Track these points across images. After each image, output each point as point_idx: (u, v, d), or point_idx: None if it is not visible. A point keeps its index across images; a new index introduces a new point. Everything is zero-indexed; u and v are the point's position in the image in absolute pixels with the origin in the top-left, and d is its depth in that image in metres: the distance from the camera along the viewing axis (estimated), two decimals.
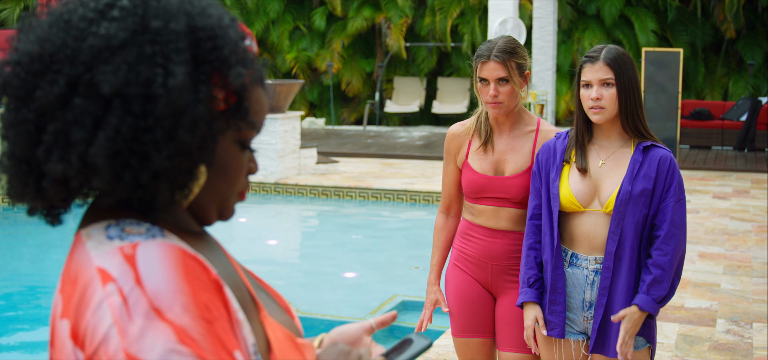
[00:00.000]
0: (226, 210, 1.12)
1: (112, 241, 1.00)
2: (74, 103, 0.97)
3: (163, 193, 1.02)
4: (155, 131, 0.97)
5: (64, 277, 1.03)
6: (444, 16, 18.08)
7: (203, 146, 1.02)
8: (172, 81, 0.98)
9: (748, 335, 5.02)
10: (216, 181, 1.08)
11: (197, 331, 0.94)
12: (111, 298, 0.95)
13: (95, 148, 0.97)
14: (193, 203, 1.09)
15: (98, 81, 0.97)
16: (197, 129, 1.00)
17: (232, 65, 1.03)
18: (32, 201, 1.04)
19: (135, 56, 0.97)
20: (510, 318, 3.02)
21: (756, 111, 13.92)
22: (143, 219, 1.04)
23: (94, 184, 1.00)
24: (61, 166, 0.98)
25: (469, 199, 3.05)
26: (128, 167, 0.98)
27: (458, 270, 3.10)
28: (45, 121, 0.99)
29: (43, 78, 0.99)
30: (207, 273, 1.00)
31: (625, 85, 2.68)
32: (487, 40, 3.07)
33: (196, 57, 1.01)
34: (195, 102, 0.99)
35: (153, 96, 0.97)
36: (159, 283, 0.95)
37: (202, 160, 1.03)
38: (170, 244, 1.00)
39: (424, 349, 1.20)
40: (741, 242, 7.60)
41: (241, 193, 1.13)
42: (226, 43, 1.04)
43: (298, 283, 7.15)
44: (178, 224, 1.08)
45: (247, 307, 1.08)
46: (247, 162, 1.12)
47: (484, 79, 2.92)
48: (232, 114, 1.05)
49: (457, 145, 3.08)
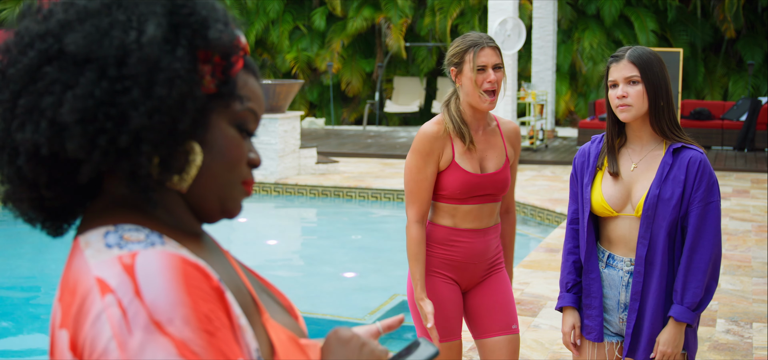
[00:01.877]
0: (229, 201, 1.09)
1: (111, 249, 0.98)
2: (44, 72, 0.97)
3: (152, 167, 1.00)
4: (132, 90, 0.96)
5: (62, 285, 1.01)
6: (444, 16, 18.09)
7: (183, 107, 0.99)
8: (145, 38, 0.97)
9: (748, 335, 5.02)
10: (214, 166, 1.05)
11: (198, 345, 0.93)
12: (110, 310, 0.93)
13: (64, 107, 0.95)
14: (193, 193, 1.06)
15: (65, 44, 0.97)
16: (174, 85, 0.98)
17: (210, 25, 1.02)
18: (18, 191, 1.03)
19: (108, 23, 0.97)
20: (493, 303, 3.08)
21: (756, 111, 13.92)
22: (143, 223, 1.02)
23: (68, 150, 0.97)
24: (30, 134, 0.97)
25: (455, 201, 2.99)
26: (103, 131, 0.96)
27: (437, 276, 3.05)
28: (18, 99, 0.98)
29: (17, 59, 0.99)
30: (208, 280, 0.98)
31: (651, 81, 2.66)
32: (462, 35, 3.03)
33: (175, 24, 1.01)
34: (171, 58, 0.98)
35: (126, 54, 0.96)
36: (158, 294, 0.93)
37: (185, 125, 1.00)
38: (170, 253, 0.98)
39: (433, 356, 1.20)
40: (741, 242, 7.60)
41: (245, 184, 1.10)
42: (203, 6, 1.03)
43: (298, 283, 7.15)
44: (177, 225, 1.06)
45: (248, 311, 1.06)
46: (248, 150, 1.10)
47: (481, 67, 2.93)
48: (222, 91, 1.04)
49: (440, 145, 2.96)
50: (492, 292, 3.09)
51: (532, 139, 13.73)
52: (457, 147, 2.97)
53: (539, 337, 4.90)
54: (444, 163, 2.97)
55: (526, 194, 9.95)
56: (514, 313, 3.13)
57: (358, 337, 1.15)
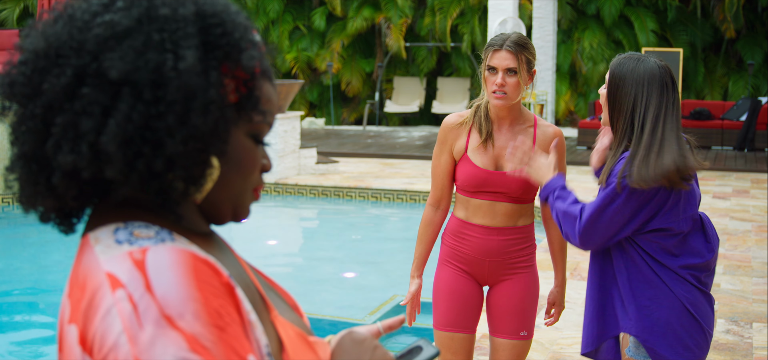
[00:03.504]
0: (241, 207, 1.10)
1: (121, 245, 0.98)
2: (82, 93, 0.96)
3: (178, 184, 1.00)
4: (167, 116, 0.96)
5: (71, 281, 1.01)
6: (444, 16, 18.09)
7: (216, 132, 1.00)
8: (183, 64, 0.96)
9: (748, 335, 5.02)
10: (230, 176, 1.06)
11: (209, 339, 0.93)
12: (121, 304, 0.93)
13: (106, 135, 0.95)
14: (207, 200, 1.07)
15: (105, 68, 0.96)
16: (209, 113, 0.98)
17: (243, 49, 1.03)
18: (43, 201, 1.03)
19: (142, 43, 0.97)
20: (507, 306, 3.11)
21: (756, 111, 13.92)
22: (152, 221, 1.03)
23: (107, 174, 0.97)
24: (72, 157, 0.96)
25: (466, 193, 3.03)
26: (141, 155, 0.96)
27: (450, 266, 3.10)
28: (53, 115, 0.98)
29: (49, 72, 0.98)
30: (218, 276, 0.99)
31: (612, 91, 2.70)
32: (501, 33, 3.06)
33: (206, 42, 1.00)
34: (206, 85, 0.98)
35: (164, 80, 0.96)
36: (169, 289, 0.94)
37: (215, 148, 1.01)
38: (180, 249, 0.98)
39: (433, 357, 1.19)
40: (741, 242, 7.60)
41: (255, 191, 1.11)
42: (235, 28, 1.03)
43: (298, 283, 7.15)
44: (187, 225, 1.06)
45: (257, 308, 1.07)
46: (261, 158, 1.11)
47: (492, 68, 2.96)
48: (243, 104, 1.04)
49: (454, 135, 3.04)
50: (510, 294, 3.11)
51: None
52: (473, 140, 3.01)
53: (539, 337, 4.90)
54: (457, 154, 3.05)
55: None
56: (527, 319, 3.13)
57: (371, 339, 1.17)
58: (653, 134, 2.60)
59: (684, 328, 2.67)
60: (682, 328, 2.66)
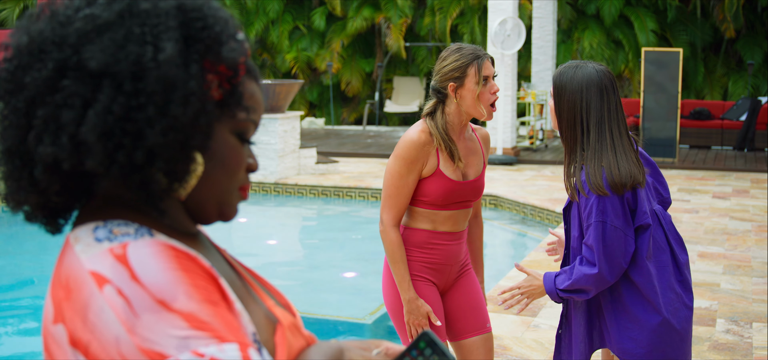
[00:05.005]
0: (226, 206, 1.10)
1: (101, 242, 0.99)
2: (63, 85, 0.97)
3: (160, 178, 1.00)
4: (147, 107, 0.96)
5: (54, 282, 1.02)
6: (443, 16, 18.09)
7: (196, 124, 1.00)
8: (162, 55, 0.97)
9: (748, 335, 5.02)
10: (215, 173, 1.06)
11: (207, 314, 0.94)
12: (112, 300, 0.94)
13: (86, 126, 0.95)
14: (192, 199, 1.07)
15: (85, 59, 0.96)
16: (189, 104, 0.99)
17: (223, 41, 1.03)
18: (26, 196, 1.03)
19: (123, 36, 0.97)
20: (468, 304, 3.14)
21: (756, 111, 13.92)
22: (133, 218, 1.03)
23: (87, 166, 0.98)
24: (52, 149, 0.97)
25: (436, 207, 3.01)
26: (121, 146, 0.96)
27: (420, 280, 3.06)
28: (35, 108, 0.98)
29: (32, 67, 0.99)
30: (199, 265, 1.00)
31: (557, 100, 2.75)
32: (451, 49, 3.02)
33: (187, 36, 1.01)
34: (186, 77, 0.99)
35: (143, 71, 0.96)
36: (156, 276, 0.94)
37: (196, 141, 1.01)
38: (160, 242, 0.99)
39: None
40: (741, 242, 7.60)
41: (241, 190, 1.11)
42: (216, 21, 1.03)
43: (298, 283, 7.15)
44: (171, 224, 1.07)
45: (245, 302, 1.08)
46: (247, 156, 1.11)
47: (487, 78, 2.98)
48: (227, 101, 1.04)
49: (426, 154, 2.96)
50: (465, 293, 3.15)
51: (531, 139, 13.73)
52: (443, 156, 2.98)
53: (539, 337, 4.91)
54: (428, 171, 2.97)
55: (525, 194, 9.95)
56: (486, 312, 3.20)
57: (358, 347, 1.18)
58: (599, 140, 2.66)
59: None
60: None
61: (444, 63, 2.99)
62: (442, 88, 2.98)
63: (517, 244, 8.71)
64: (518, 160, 12.66)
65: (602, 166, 2.63)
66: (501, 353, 4.66)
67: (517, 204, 9.64)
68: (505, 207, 9.80)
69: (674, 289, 2.73)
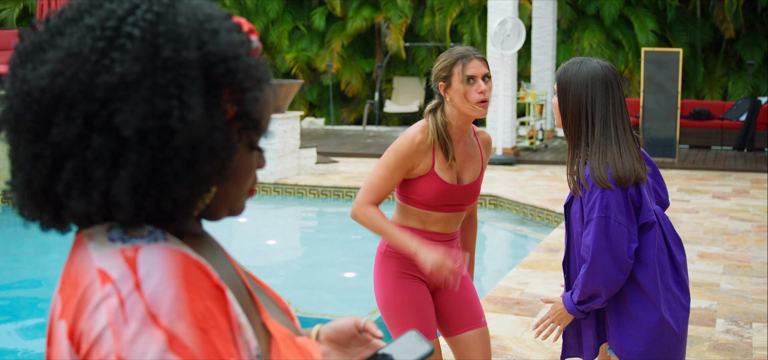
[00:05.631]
0: (237, 208, 1.12)
1: (114, 243, 1.00)
2: (92, 142, 0.97)
3: (185, 218, 1.03)
4: (174, 163, 0.98)
5: (64, 278, 1.03)
6: (443, 16, 18.09)
7: (222, 172, 1.03)
8: (190, 115, 0.97)
9: (748, 335, 5.02)
10: (228, 187, 1.08)
11: (190, 340, 0.94)
12: (108, 299, 0.95)
13: (117, 185, 0.97)
14: (205, 207, 1.09)
15: (118, 122, 0.96)
16: (215, 156, 1.01)
17: (246, 89, 1.03)
18: (50, 222, 1.04)
19: (149, 90, 0.97)
20: (457, 302, 3.14)
21: (755, 111, 13.93)
22: None
23: (116, 218, 1.00)
24: (83, 204, 0.99)
25: (427, 208, 3.00)
26: (149, 197, 0.98)
27: (408, 278, 3.05)
28: (62, 157, 0.98)
29: (57, 113, 0.97)
30: (209, 278, 1.00)
31: (561, 97, 2.75)
32: (447, 50, 3.05)
33: (210, 83, 1.01)
34: (212, 130, 1.00)
35: (171, 130, 0.97)
36: (157, 288, 0.95)
37: (219, 182, 1.04)
38: (172, 249, 0.99)
39: (426, 355, 1.19)
40: (740, 242, 7.60)
41: (250, 190, 1.13)
42: (239, 67, 1.03)
43: (298, 283, 7.16)
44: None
45: (247, 310, 1.08)
46: (256, 160, 1.12)
47: (471, 78, 2.96)
48: (243, 126, 1.05)
49: (421, 154, 2.96)
50: (461, 287, 3.14)
51: (531, 139, 13.73)
52: (438, 157, 2.98)
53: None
54: (421, 170, 2.97)
55: (525, 194, 9.96)
56: (480, 307, 3.21)
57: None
58: (604, 135, 2.67)
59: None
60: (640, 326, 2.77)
61: (436, 64, 3.05)
62: (434, 88, 3.04)
63: (517, 244, 8.71)
64: (518, 160, 12.67)
65: (606, 161, 2.63)
66: (501, 353, 4.66)
67: (517, 204, 9.64)
68: (504, 207, 9.81)
69: (671, 290, 2.73)
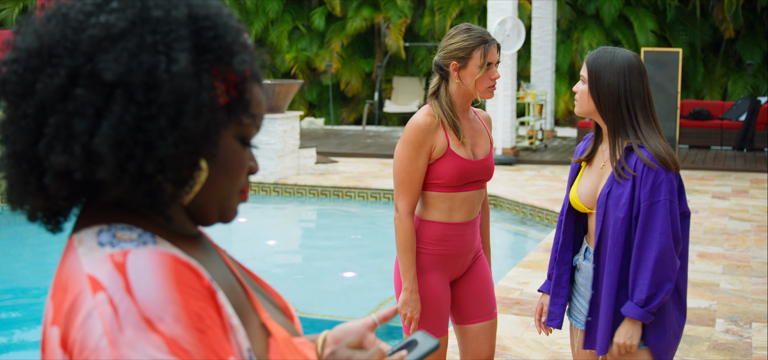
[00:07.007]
0: (227, 210, 1.11)
1: (103, 247, 0.99)
2: (76, 94, 0.96)
3: (167, 186, 1.00)
4: (159, 119, 0.96)
5: (55, 283, 1.02)
6: (443, 16, 18.08)
7: (207, 135, 1.01)
8: (176, 67, 0.97)
9: (748, 335, 5.02)
10: (218, 178, 1.06)
11: (189, 342, 0.94)
12: (101, 308, 0.94)
13: (99, 137, 0.95)
14: (194, 202, 1.07)
15: (100, 69, 0.96)
16: (201, 116, 0.99)
17: (235, 53, 1.03)
18: (33, 200, 1.03)
19: (136, 45, 0.97)
20: (478, 291, 3.16)
21: (755, 111, 13.92)
22: (137, 223, 1.03)
23: (98, 175, 0.98)
24: (65, 158, 0.97)
25: (451, 189, 2.99)
26: (132, 157, 0.97)
27: (434, 274, 3.05)
28: (45, 115, 0.98)
29: (43, 72, 0.98)
30: (199, 280, 0.99)
31: (596, 85, 2.72)
32: (460, 28, 3.04)
33: (198, 45, 1.00)
34: (198, 89, 0.99)
35: (156, 83, 0.96)
36: (149, 292, 0.94)
37: (205, 150, 1.02)
38: (161, 251, 0.98)
39: (432, 350, 1.19)
40: (740, 242, 7.60)
41: (242, 192, 1.12)
42: (227, 31, 1.03)
43: (298, 283, 7.15)
44: (173, 227, 1.07)
45: (243, 310, 1.07)
46: (248, 160, 1.11)
47: (490, 64, 2.99)
48: (233, 107, 1.04)
49: (433, 136, 2.96)
50: (477, 280, 3.16)
51: (531, 139, 13.73)
52: (451, 136, 2.99)
53: (539, 337, 4.90)
54: (438, 153, 2.97)
55: (525, 194, 9.95)
56: (494, 298, 3.23)
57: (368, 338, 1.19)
58: (648, 121, 2.69)
59: (672, 313, 2.75)
60: (670, 313, 2.74)
61: (451, 41, 3.02)
62: (444, 65, 3.02)
63: (517, 245, 8.71)
64: (518, 160, 12.67)
65: (660, 146, 2.65)
66: (501, 353, 4.66)
67: (517, 204, 9.64)
68: (504, 207, 9.80)
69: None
